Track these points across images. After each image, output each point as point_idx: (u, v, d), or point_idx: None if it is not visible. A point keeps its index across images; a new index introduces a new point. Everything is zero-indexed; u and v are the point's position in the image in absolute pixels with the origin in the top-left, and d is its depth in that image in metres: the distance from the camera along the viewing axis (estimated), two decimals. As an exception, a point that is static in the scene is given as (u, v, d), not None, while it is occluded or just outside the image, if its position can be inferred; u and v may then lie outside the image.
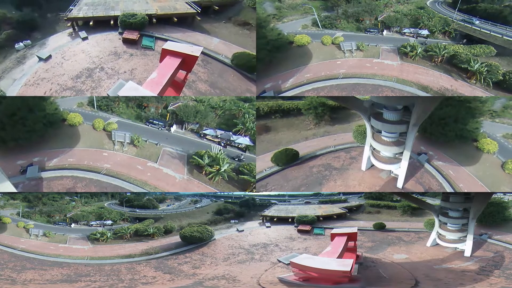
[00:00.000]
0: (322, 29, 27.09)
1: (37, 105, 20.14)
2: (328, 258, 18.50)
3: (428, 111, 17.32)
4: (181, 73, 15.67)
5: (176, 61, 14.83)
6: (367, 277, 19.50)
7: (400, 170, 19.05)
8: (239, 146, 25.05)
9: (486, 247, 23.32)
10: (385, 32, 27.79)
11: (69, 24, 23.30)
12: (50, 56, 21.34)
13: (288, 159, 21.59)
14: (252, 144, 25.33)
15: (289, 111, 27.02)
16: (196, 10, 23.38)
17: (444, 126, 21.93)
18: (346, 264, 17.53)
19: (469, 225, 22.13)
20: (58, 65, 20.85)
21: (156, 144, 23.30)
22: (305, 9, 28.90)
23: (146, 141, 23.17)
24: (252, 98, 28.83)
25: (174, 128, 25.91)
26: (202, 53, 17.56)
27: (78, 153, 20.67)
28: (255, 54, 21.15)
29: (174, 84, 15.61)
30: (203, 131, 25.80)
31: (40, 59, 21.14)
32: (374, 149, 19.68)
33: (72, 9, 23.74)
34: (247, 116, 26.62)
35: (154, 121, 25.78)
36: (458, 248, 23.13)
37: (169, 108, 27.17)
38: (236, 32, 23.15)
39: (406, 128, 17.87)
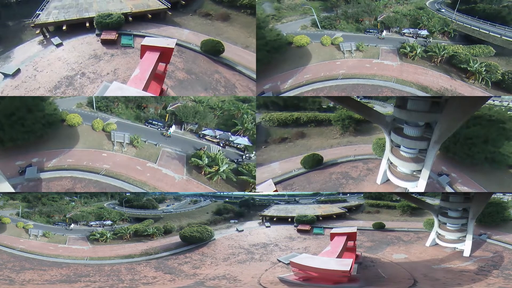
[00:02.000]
0: (322, 29, 27.21)
1: (36, 105, 19.99)
2: (328, 257, 18.55)
3: (453, 129, 16.37)
4: (161, 66, 16.62)
5: (155, 55, 15.77)
6: (366, 276, 19.55)
7: (418, 189, 18.33)
8: (238, 146, 25.12)
9: (485, 247, 23.34)
10: (384, 32, 27.76)
11: (38, 31, 21.45)
12: (18, 70, 19.28)
13: (314, 163, 23.40)
14: (250, 145, 25.38)
15: (322, 121, 29.72)
16: (166, 5, 24.18)
17: (471, 146, 20.08)
18: (346, 264, 17.58)
19: (468, 225, 22.16)
20: (31, 79, 19.04)
21: (156, 145, 23.30)
22: (304, 9, 29.05)
23: (145, 141, 23.17)
24: (251, 98, 28.88)
25: (173, 128, 25.92)
26: (176, 44, 18.29)
27: (77, 154, 20.63)
28: (218, 40, 22.45)
29: (156, 76, 16.58)
30: (202, 132, 25.84)
31: (6, 75, 18.91)
32: (391, 163, 19.25)
33: (39, 14, 21.84)
34: (246, 116, 26.72)
35: (154, 122, 25.79)
36: (457, 248, 23.17)
37: (168, 109, 27.18)
38: (201, 22, 24.57)
39: (426, 145, 17.05)
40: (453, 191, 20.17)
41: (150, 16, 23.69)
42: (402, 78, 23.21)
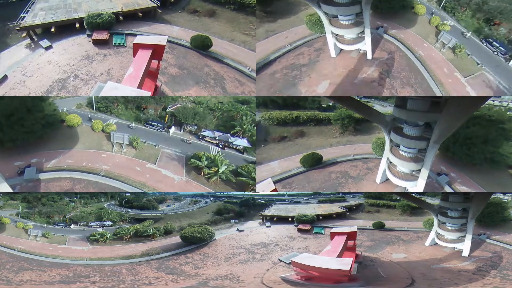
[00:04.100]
0: (440, 9, 24.80)
1: (35, 105, 19.87)
2: (328, 257, 18.58)
3: (452, 129, 16.34)
4: (154, 63, 16.89)
5: (148, 53, 16.04)
6: (366, 276, 19.59)
7: (417, 188, 18.40)
8: (237, 147, 25.15)
9: (484, 247, 23.38)
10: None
11: (24, 35, 20.75)
12: (5, 77, 18.64)
13: (313, 162, 23.46)
14: (249, 146, 25.41)
15: (322, 120, 29.82)
16: (156, 3, 24.49)
17: (471, 146, 20.11)
18: (346, 263, 17.61)
19: (468, 225, 22.17)
20: (20, 85, 18.41)
21: (155, 146, 23.28)
22: None
23: (145, 142, 23.15)
24: (250, 99, 28.90)
25: (172, 129, 25.91)
26: (168, 41, 18.44)
27: (77, 155, 20.59)
28: (206, 35, 22.94)
29: (150, 74, 16.76)
30: (202, 133, 25.85)
31: (-8, 83, 17.94)
32: (390, 163, 19.23)
33: (24, 16, 21.08)
34: (245, 118, 26.77)
35: (153, 123, 25.79)
36: (456, 248, 23.20)
37: (167, 110, 27.20)
38: (189, 19, 25.08)
39: (426, 144, 17.03)
40: (453, 191, 20.18)
41: (140, 14, 23.80)
42: None
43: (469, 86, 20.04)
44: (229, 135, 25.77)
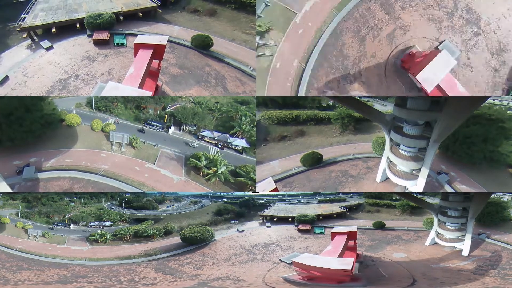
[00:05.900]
0: None
1: (34, 105, 19.85)
2: (329, 257, 18.51)
3: (452, 128, 16.36)
4: (155, 62, 16.98)
5: (149, 53, 16.09)
6: (367, 275, 19.54)
7: (417, 187, 18.33)
8: (236, 148, 25.11)
9: (484, 247, 23.33)
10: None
11: (25, 35, 20.78)
12: (6, 78, 18.65)
13: (314, 161, 23.61)
14: (248, 146, 25.37)
15: (322, 119, 29.94)
16: (156, 3, 24.57)
17: (470, 145, 20.14)
18: (347, 263, 17.54)
19: (467, 224, 22.13)
20: (21, 85, 18.48)
21: (154, 146, 23.23)
22: None
23: (144, 142, 23.09)
24: (249, 100, 28.84)
25: (172, 129, 25.87)
26: (168, 40, 18.52)
27: (76, 154, 20.55)
28: (207, 34, 22.94)
29: (151, 73, 16.83)
30: (201, 133, 25.81)
31: (-7, 83, 18.02)
32: (390, 162, 19.17)
33: (25, 17, 21.12)
34: (244, 118, 26.72)
35: (153, 123, 25.74)
36: (456, 247, 23.16)
37: (167, 110, 27.15)
38: (190, 18, 25.25)
39: (426, 143, 17.06)
40: (453, 190, 20.14)
41: (141, 14, 23.84)
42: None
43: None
44: (228, 135, 25.73)
